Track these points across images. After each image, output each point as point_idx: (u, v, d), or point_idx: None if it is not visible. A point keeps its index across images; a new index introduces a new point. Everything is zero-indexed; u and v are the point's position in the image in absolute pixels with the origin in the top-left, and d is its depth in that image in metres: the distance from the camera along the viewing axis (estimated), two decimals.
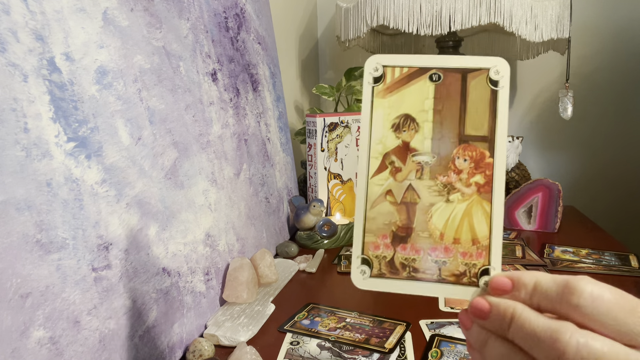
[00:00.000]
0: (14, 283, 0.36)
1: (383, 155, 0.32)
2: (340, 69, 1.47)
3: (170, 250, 0.55)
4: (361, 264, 0.32)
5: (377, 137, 0.32)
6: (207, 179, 0.66)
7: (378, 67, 0.32)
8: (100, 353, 0.43)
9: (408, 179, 0.31)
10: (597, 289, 0.26)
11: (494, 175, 0.31)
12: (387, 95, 0.31)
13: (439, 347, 0.53)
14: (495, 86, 0.31)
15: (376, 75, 0.32)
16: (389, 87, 0.31)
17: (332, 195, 1.03)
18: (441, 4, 0.93)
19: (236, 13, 0.83)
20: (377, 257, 0.32)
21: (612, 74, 1.24)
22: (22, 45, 0.39)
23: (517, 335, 0.27)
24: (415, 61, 0.31)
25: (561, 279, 0.27)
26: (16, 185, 0.37)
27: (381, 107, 0.31)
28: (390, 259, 0.32)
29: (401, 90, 0.31)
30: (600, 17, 1.22)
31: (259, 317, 0.61)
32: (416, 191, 0.31)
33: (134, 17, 0.55)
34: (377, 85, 0.32)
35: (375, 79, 0.32)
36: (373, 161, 0.32)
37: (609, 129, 1.27)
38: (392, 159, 0.32)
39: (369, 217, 0.32)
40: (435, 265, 0.31)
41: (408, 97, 0.31)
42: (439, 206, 0.31)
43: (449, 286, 0.32)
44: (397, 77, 0.31)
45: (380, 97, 0.31)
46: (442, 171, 0.31)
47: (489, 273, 0.31)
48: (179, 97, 0.62)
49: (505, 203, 1.02)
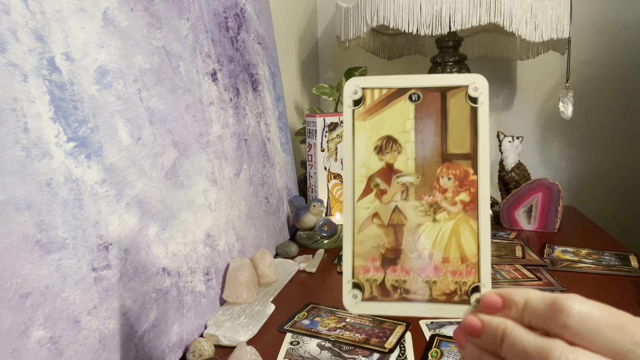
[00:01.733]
0: (14, 283, 0.36)
1: (367, 178, 0.32)
2: (340, 69, 1.47)
3: (170, 250, 0.55)
4: (352, 288, 0.32)
5: (360, 160, 0.32)
6: (207, 179, 0.66)
7: (357, 90, 0.32)
8: (100, 353, 0.43)
9: (394, 201, 0.32)
10: (586, 307, 0.26)
11: (478, 192, 0.31)
12: (367, 117, 0.31)
13: (439, 347, 0.53)
14: (474, 103, 0.31)
15: (355, 98, 0.32)
16: (369, 109, 0.31)
17: (332, 195, 1.03)
18: (441, 4, 0.93)
19: (236, 13, 0.83)
20: (367, 280, 0.32)
21: (613, 74, 1.24)
22: (22, 45, 0.39)
23: (509, 353, 0.27)
24: (393, 82, 0.32)
25: (549, 298, 0.27)
26: (16, 185, 0.37)
27: (362, 130, 0.31)
28: (381, 282, 0.32)
29: (382, 112, 0.31)
30: (601, 16, 1.22)
31: (259, 317, 0.61)
32: (402, 212, 0.31)
33: (134, 17, 0.55)
34: (358, 108, 0.32)
35: (355, 102, 0.32)
36: (358, 185, 0.32)
37: (609, 129, 1.27)
38: (376, 182, 0.32)
39: (357, 241, 0.32)
40: (425, 285, 0.31)
41: (389, 119, 0.31)
42: (426, 226, 0.31)
43: (440, 305, 0.31)
44: (376, 99, 0.31)
45: (361, 120, 0.31)
46: (427, 191, 0.31)
47: (480, 290, 0.31)
48: (179, 97, 0.62)
49: (505, 203, 1.02)
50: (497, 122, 1.36)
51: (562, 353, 0.25)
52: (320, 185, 1.01)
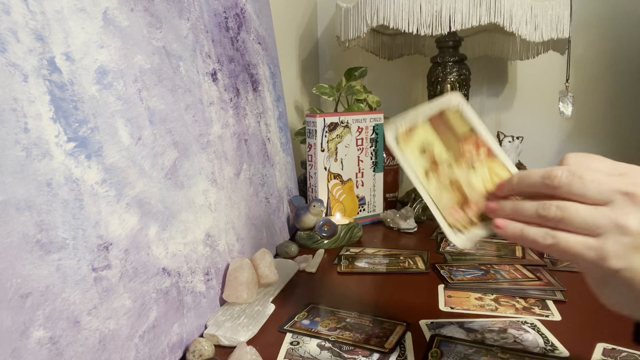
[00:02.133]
0: (14, 283, 0.36)
1: (425, 172, 0.47)
2: (340, 69, 1.47)
3: (170, 250, 0.55)
4: (454, 232, 0.45)
5: (417, 166, 0.47)
6: (207, 179, 0.66)
7: (395, 133, 0.47)
8: (100, 353, 0.43)
9: (447, 176, 0.46)
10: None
11: (488, 143, 0.47)
12: (406, 141, 0.47)
13: (439, 347, 0.53)
14: (458, 109, 0.48)
15: (396, 135, 0.47)
16: (402, 136, 0.47)
17: (332, 195, 1.03)
18: (441, 4, 0.93)
19: (236, 13, 0.83)
20: (458, 222, 0.45)
21: (613, 74, 1.24)
22: (22, 45, 0.39)
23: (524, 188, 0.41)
24: (413, 120, 0.48)
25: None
26: (16, 185, 0.37)
27: (407, 148, 0.47)
28: (468, 219, 0.45)
29: (412, 134, 0.47)
30: (601, 16, 1.22)
31: (259, 317, 0.61)
32: (456, 177, 0.46)
33: (134, 17, 0.55)
34: (397, 139, 0.47)
35: (396, 139, 0.47)
36: (422, 178, 0.46)
37: (610, 129, 1.27)
38: (428, 171, 0.47)
39: (440, 207, 0.46)
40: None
41: (418, 135, 0.47)
42: (472, 176, 0.46)
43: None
44: (404, 130, 0.47)
45: (403, 144, 0.47)
46: (460, 158, 0.47)
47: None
48: (179, 97, 0.62)
49: None
50: (497, 122, 1.36)
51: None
52: (320, 185, 1.01)
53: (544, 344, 0.54)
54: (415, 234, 1.01)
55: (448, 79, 1.09)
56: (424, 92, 1.42)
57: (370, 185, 1.09)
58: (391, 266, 0.80)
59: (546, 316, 0.61)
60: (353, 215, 1.07)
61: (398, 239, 0.98)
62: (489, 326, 0.58)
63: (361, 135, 1.05)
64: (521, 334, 0.56)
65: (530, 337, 0.56)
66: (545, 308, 0.63)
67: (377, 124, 1.07)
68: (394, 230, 1.04)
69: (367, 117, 1.06)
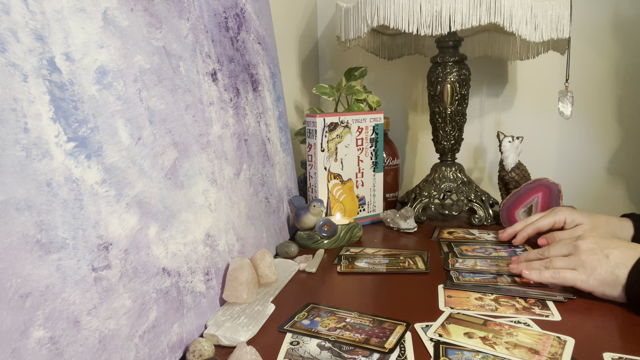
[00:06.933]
0: (14, 283, 0.36)
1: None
2: (340, 69, 1.47)
3: (170, 250, 0.55)
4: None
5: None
6: (207, 179, 0.66)
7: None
8: (100, 353, 0.43)
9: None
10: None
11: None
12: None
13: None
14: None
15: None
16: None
17: (332, 195, 1.03)
18: (441, 4, 0.93)
19: (236, 13, 0.83)
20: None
21: (613, 74, 1.24)
22: (22, 45, 0.39)
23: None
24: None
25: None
26: (16, 185, 0.37)
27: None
28: None
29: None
30: (601, 16, 1.22)
31: (259, 317, 0.61)
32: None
33: (134, 17, 0.55)
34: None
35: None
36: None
37: (609, 128, 1.27)
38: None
39: None
40: None
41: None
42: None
43: None
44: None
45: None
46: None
47: None
48: (179, 97, 0.62)
49: (505, 203, 1.02)
50: (497, 122, 1.36)
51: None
52: (320, 185, 1.01)
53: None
54: (415, 234, 1.01)
55: (448, 79, 1.09)
56: (424, 92, 1.42)
57: (370, 185, 1.09)
58: (391, 266, 0.80)
59: (546, 316, 0.61)
60: (353, 215, 1.07)
61: (398, 239, 0.98)
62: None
63: (361, 135, 1.05)
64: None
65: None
66: (545, 308, 0.63)
67: (377, 124, 1.07)
68: (393, 230, 1.04)
69: (367, 117, 1.06)
